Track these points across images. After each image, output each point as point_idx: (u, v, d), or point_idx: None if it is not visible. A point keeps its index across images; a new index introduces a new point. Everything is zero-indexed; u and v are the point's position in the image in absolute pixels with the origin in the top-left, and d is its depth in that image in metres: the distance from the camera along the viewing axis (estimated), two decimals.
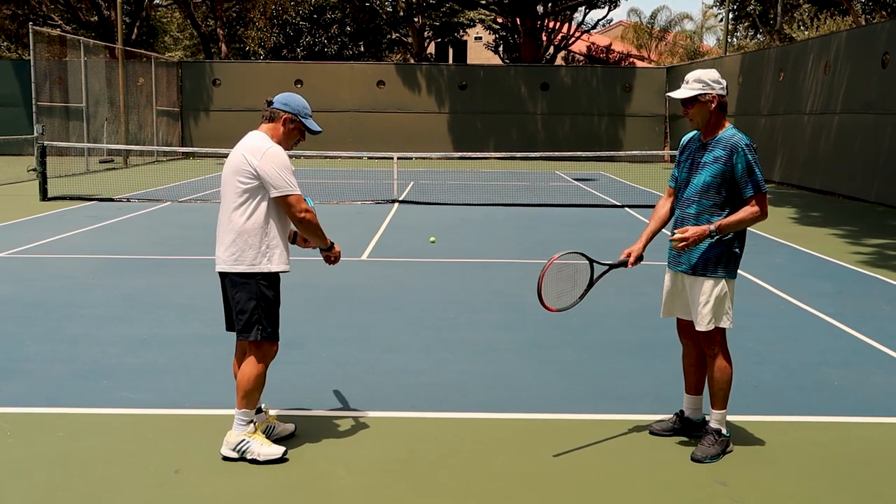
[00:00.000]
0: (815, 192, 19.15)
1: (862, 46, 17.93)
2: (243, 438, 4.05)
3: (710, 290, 4.16)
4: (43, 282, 8.38)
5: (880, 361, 5.96)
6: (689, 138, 4.42)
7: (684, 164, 4.34)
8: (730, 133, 4.20)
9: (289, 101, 4.19)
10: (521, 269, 9.36)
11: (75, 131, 24.61)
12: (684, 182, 4.30)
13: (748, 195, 4.12)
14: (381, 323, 6.90)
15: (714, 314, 4.17)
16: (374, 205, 15.53)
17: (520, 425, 4.69)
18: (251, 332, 4.06)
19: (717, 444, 4.21)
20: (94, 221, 12.78)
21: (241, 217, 4.05)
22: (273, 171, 3.99)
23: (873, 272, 9.38)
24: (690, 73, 4.22)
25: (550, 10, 36.91)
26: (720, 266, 4.17)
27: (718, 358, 4.27)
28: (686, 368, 4.51)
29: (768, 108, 22.64)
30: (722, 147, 4.16)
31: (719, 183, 4.14)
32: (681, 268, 4.26)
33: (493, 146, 30.71)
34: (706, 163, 4.18)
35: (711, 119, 4.19)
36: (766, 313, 7.36)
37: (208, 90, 31.56)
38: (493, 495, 3.80)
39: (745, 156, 4.11)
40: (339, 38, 39.75)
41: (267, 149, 4.03)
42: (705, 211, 4.17)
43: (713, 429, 4.25)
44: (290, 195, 4.04)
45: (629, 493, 3.85)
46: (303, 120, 4.20)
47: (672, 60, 43.44)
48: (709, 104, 4.15)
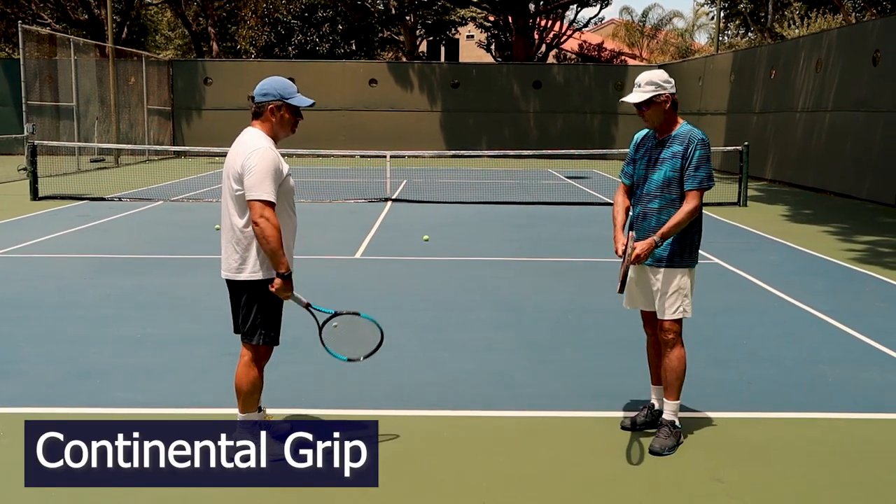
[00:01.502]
0: (807, 190, 19.22)
1: (853, 44, 18.00)
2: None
3: (678, 281, 4.30)
4: (34, 282, 8.33)
5: (873, 358, 5.98)
6: (643, 135, 4.53)
7: (641, 160, 4.44)
8: (687, 128, 4.35)
9: (267, 88, 3.98)
10: (515, 268, 9.36)
11: (66, 130, 24.48)
12: (642, 178, 4.40)
13: (690, 188, 4.26)
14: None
15: (681, 304, 4.30)
16: (367, 203, 15.51)
17: (515, 423, 4.69)
18: (254, 337, 4.04)
19: (672, 436, 4.31)
20: (85, 221, 12.72)
21: (241, 222, 3.95)
22: (249, 174, 3.83)
23: (866, 269, 9.42)
24: (641, 77, 4.33)
25: (542, 9, 36.92)
26: (685, 256, 4.34)
27: (677, 347, 4.38)
28: (652, 359, 4.62)
29: (760, 106, 22.70)
30: (679, 142, 4.30)
31: (678, 177, 4.28)
32: (647, 261, 4.33)
33: (485, 144, 30.70)
34: (665, 159, 4.31)
35: (666, 117, 4.31)
36: (760, 310, 7.38)
37: (200, 89, 31.46)
38: (490, 494, 3.80)
39: (699, 149, 4.26)
40: (330, 37, 39.69)
41: (254, 150, 3.88)
42: (668, 205, 4.29)
43: (668, 420, 4.36)
44: (255, 199, 3.81)
45: (627, 491, 3.85)
46: (289, 100, 3.98)
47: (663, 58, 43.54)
48: (663, 104, 4.28)
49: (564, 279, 8.57)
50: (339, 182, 19.48)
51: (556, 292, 8.00)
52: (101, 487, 3.78)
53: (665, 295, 4.31)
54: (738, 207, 15.43)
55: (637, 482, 3.94)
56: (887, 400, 5.10)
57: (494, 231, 12.24)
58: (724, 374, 5.59)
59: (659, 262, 4.31)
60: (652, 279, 4.36)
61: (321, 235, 11.48)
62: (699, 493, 3.82)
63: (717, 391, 5.24)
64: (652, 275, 4.35)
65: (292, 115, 4.03)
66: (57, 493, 3.75)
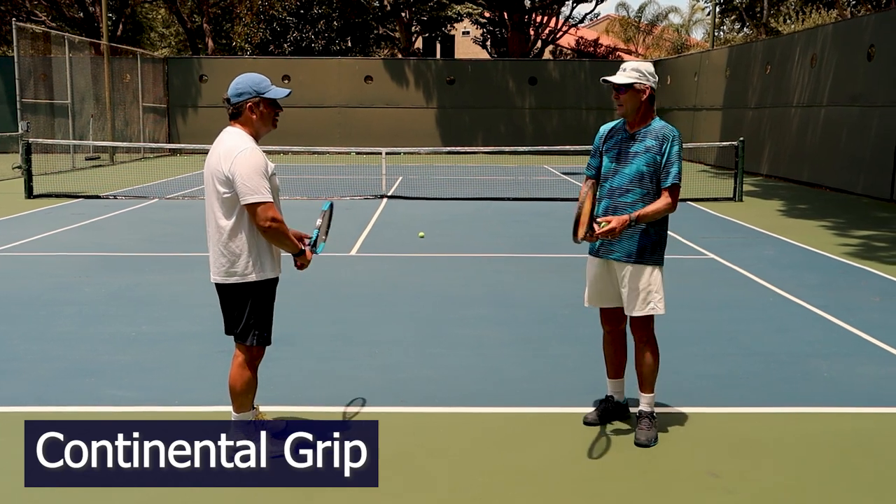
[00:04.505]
0: (803, 185, 19.24)
1: (848, 39, 18.00)
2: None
3: (650, 277, 4.29)
4: (29, 280, 8.32)
5: (868, 352, 5.99)
6: (610, 128, 4.49)
7: (609, 153, 4.39)
8: (661, 124, 4.34)
9: (241, 86, 3.88)
10: (511, 264, 9.36)
11: (60, 128, 24.42)
12: (611, 172, 4.37)
13: (666, 184, 4.25)
14: (370, 318, 6.89)
15: (652, 300, 4.30)
16: (363, 200, 15.50)
17: (511, 419, 4.69)
18: (248, 338, 4.01)
19: (653, 427, 4.36)
20: (80, 219, 12.70)
21: (229, 225, 3.88)
22: (240, 177, 3.75)
23: (861, 263, 9.43)
24: (628, 63, 4.36)
25: (538, 5, 36.89)
26: (656, 253, 4.33)
27: (651, 343, 4.41)
28: (611, 355, 4.64)
29: (755, 101, 22.71)
30: (653, 137, 4.28)
31: (652, 171, 4.27)
32: (615, 255, 4.33)
33: (481, 141, 30.67)
34: (638, 152, 4.29)
35: (641, 109, 4.30)
36: (755, 305, 7.39)
37: (195, 86, 31.40)
38: (485, 490, 3.80)
39: (674, 146, 4.26)
40: (326, 34, 39.59)
41: (239, 152, 3.78)
42: (640, 199, 4.27)
43: (647, 412, 4.40)
44: (254, 203, 3.77)
45: (622, 486, 3.86)
46: (265, 95, 3.89)
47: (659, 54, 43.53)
48: (641, 94, 4.28)
49: (559, 275, 8.57)
50: (335, 179, 19.45)
51: (551, 288, 8.01)
52: (101, 487, 3.76)
53: (635, 291, 4.29)
54: (733, 202, 15.44)
55: (632, 477, 3.94)
56: (882, 394, 5.11)
57: (490, 227, 12.24)
58: (720, 368, 5.59)
59: (628, 257, 4.29)
60: (619, 275, 4.33)
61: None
62: (694, 488, 3.83)
63: (712, 386, 5.25)
64: (619, 270, 4.33)
65: (271, 108, 3.96)
66: (57, 494, 3.73)
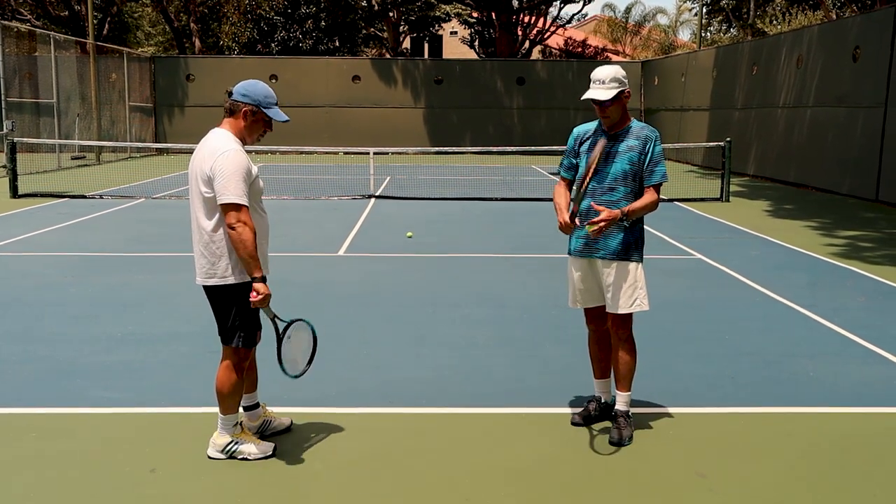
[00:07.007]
0: (789, 185, 19.35)
1: (833, 41, 18.12)
2: (232, 440, 4.02)
3: (633, 274, 4.32)
4: (14, 280, 8.25)
5: (854, 352, 6.03)
6: (585, 130, 4.47)
7: (587, 155, 4.36)
8: (640, 124, 4.36)
9: (249, 90, 3.88)
10: (499, 264, 9.37)
11: (46, 127, 24.25)
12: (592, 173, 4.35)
13: (651, 183, 4.28)
14: (358, 319, 6.87)
15: (637, 296, 4.32)
16: (351, 200, 15.47)
17: (499, 420, 4.69)
18: (233, 339, 3.99)
19: (629, 426, 4.36)
20: (66, 218, 12.61)
21: (210, 225, 3.85)
22: (220, 177, 3.72)
23: (846, 264, 9.49)
24: (603, 73, 4.25)
25: (526, 5, 36.92)
26: (640, 249, 4.37)
27: (630, 341, 4.42)
28: (597, 354, 4.63)
29: (742, 102, 22.82)
30: (634, 137, 4.30)
31: (635, 171, 4.28)
32: (598, 254, 4.34)
33: (469, 141, 30.66)
34: (620, 152, 4.29)
35: (622, 113, 4.31)
36: (742, 305, 7.42)
37: (182, 86, 31.24)
38: (473, 490, 3.79)
39: (657, 146, 4.29)
40: (313, 34, 39.52)
41: (223, 152, 3.77)
42: (624, 198, 4.28)
43: (623, 411, 4.41)
44: (229, 203, 3.72)
45: (609, 486, 3.86)
46: (265, 110, 3.90)
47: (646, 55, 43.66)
48: (624, 100, 4.28)
49: (548, 275, 8.58)
50: (323, 179, 19.41)
51: (539, 288, 8.02)
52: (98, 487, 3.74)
53: (620, 288, 4.31)
54: (720, 203, 15.51)
55: (619, 477, 3.95)
56: (867, 394, 5.14)
57: (478, 227, 12.24)
58: (706, 369, 5.61)
59: (613, 255, 4.30)
60: (603, 273, 4.34)
61: (304, 232, 11.43)
62: (681, 488, 3.84)
63: (698, 386, 5.27)
64: (604, 268, 4.33)
65: (263, 124, 3.96)
66: (37, 495, 3.70)
